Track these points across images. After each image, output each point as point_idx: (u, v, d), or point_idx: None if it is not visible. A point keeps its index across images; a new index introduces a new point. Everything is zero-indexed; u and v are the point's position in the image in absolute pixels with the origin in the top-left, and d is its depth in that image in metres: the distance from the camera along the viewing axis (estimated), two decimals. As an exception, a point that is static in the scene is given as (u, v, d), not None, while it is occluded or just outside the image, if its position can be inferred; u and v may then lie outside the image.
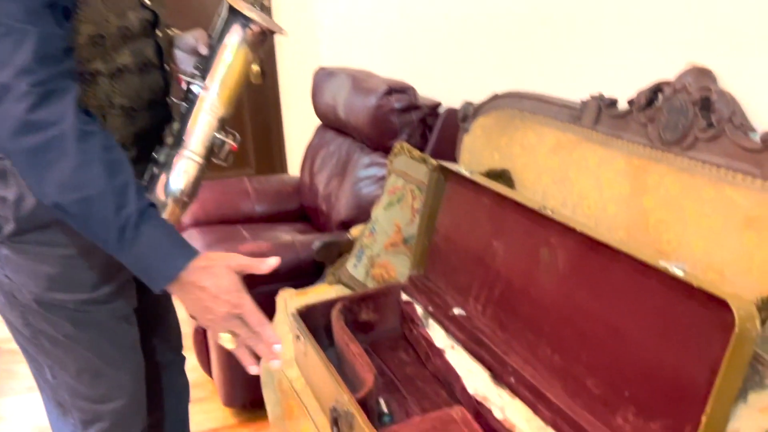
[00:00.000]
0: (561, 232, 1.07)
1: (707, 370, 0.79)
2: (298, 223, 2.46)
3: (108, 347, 1.11)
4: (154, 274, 0.89)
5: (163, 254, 0.89)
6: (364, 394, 1.06)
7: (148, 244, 0.88)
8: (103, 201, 0.85)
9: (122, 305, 1.11)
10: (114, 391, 1.14)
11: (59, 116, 0.83)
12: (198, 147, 1.06)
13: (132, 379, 1.17)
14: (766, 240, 0.91)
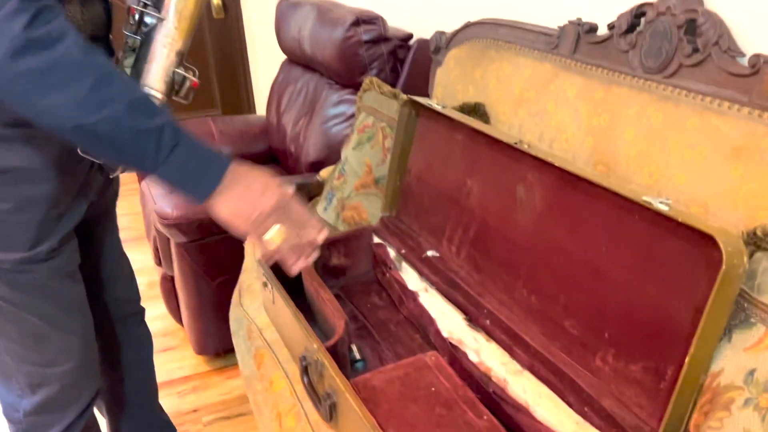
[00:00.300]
0: (538, 168, 1.01)
1: (691, 309, 0.76)
2: (266, 166, 2.37)
3: (52, 309, 1.04)
4: (200, 180, 0.83)
5: (206, 158, 0.83)
6: (334, 341, 1.01)
7: (188, 149, 0.81)
8: (133, 114, 0.77)
9: (64, 262, 1.03)
10: (62, 354, 1.08)
11: (60, 32, 0.74)
12: (157, 83, 0.98)
13: (81, 340, 1.11)
14: (753, 171, 0.87)
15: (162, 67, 0.98)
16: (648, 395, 0.80)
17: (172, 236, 1.76)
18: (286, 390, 1.14)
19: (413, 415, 0.87)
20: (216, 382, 1.88)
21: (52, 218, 0.98)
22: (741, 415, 0.70)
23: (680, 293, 0.78)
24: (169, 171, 0.81)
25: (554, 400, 0.90)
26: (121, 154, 0.81)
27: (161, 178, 0.82)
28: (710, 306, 0.72)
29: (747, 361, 0.73)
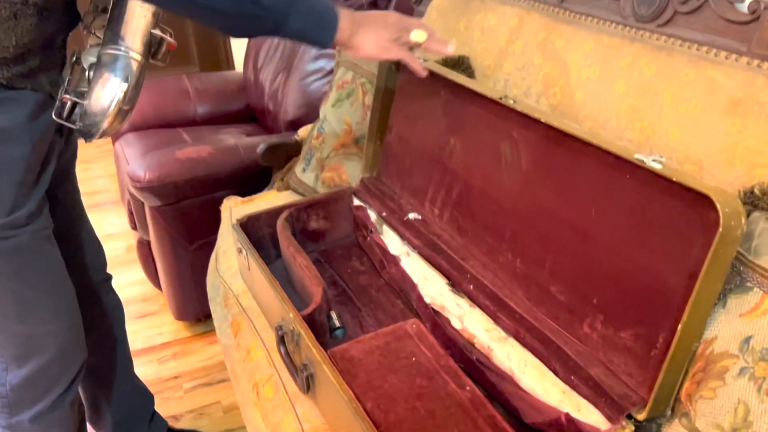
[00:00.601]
0: (523, 125, 0.95)
1: (685, 273, 0.71)
2: (245, 125, 2.30)
3: (36, 274, 1.01)
4: (325, 22, 0.90)
5: (319, 7, 0.89)
6: (311, 310, 0.97)
7: None
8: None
9: (43, 225, 1.00)
10: (49, 321, 1.04)
11: None
12: (136, 44, 0.94)
13: (66, 304, 1.08)
14: (751, 126, 0.82)
15: (140, 28, 0.94)
16: (638, 363, 0.77)
17: (146, 200, 1.69)
18: (263, 359, 1.10)
19: (392, 387, 0.84)
20: (196, 348, 1.85)
21: (29, 182, 0.95)
22: (735, 385, 0.66)
23: (673, 257, 0.73)
24: (297, 21, 0.86)
25: (540, 369, 0.86)
26: (242, 21, 0.85)
27: (291, 33, 0.88)
28: (705, 270, 0.67)
29: (743, 328, 0.69)
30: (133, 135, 2.15)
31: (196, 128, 2.24)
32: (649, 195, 0.76)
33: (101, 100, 0.93)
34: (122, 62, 0.93)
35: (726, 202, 0.66)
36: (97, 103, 0.94)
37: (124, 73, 0.93)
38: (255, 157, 1.74)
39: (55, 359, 1.08)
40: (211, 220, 1.70)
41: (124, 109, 0.95)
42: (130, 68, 0.94)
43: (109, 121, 0.95)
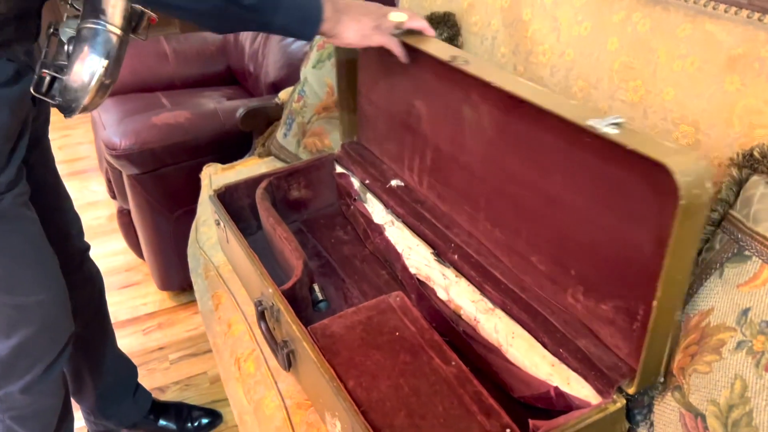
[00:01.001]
0: (480, 86, 0.88)
1: (654, 243, 0.66)
2: (226, 88, 2.22)
3: (19, 241, 0.98)
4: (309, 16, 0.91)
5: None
6: (291, 284, 0.93)
7: None
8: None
9: (22, 192, 0.97)
10: (35, 289, 1.02)
11: None
12: (116, 18, 0.89)
13: (51, 271, 1.05)
14: (751, 84, 0.77)
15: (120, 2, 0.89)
16: (623, 336, 0.74)
17: (123, 168, 1.63)
18: (245, 334, 1.06)
19: (375, 364, 0.80)
20: (182, 318, 1.82)
21: (7, 150, 0.92)
22: (732, 359, 0.63)
23: (640, 226, 0.67)
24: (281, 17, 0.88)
25: (528, 341, 0.83)
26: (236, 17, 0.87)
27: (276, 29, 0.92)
28: (674, 242, 0.61)
29: (741, 300, 0.65)
30: (111, 100, 2.08)
31: (175, 92, 2.16)
32: (609, 162, 0.70)
33: (81, 76, 0.89)
34: (102, 37, 0.89)
35: (686, 170, 0.58)
36: (77, 78, 0.89)
37: (104, 49, 0.89)
38: (235, 121, 1.67)
39: (43, 329, 1.06)
40: (192, 187, 1.65)
41: (105, 83, 0.92)
42: (111, 43, 0.90)
43: (90, 96, 0.91)
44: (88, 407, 1.41)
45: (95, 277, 1.32)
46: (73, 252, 1.23)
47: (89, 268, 1.29)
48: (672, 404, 0.69)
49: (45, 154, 1.14)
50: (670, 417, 0.69)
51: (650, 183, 0.65)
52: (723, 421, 0.62)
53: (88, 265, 1.29)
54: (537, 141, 0.80)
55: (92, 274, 1.30)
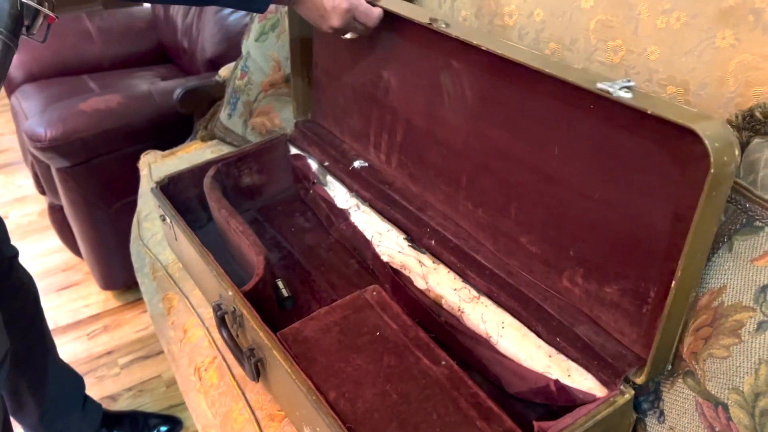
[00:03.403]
0: (463, 51, 0.80)
1: (669, 218, 0.60)
2: (158, 67, 2.06)
3: None
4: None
5: None
6: (253, 284, 0.83)
7: None
8: None
9: None
10: None
11: None
12: (1, 18, 0.76)
13: None
14: (745, 38, 0.71)
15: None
16: (629, 321, 0.68)
17: (51, 161, 1.48)
18: (203, 339, 0.96)
19: (357, 370, 0.72)
20: (129, 319, 1.69)
21: None
22: (755, 343, 0.58)
23: (655, 200, 0.62)
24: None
25: (520, 330, 0.76)
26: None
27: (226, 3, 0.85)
28: (699, 216, 0.56)
29: (757, 276, 0.60)
30: (31, 86, 1.90)
31: (103, 74, 1.99)
32: (620, 129, 0.63)
33: None
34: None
35: (715, 136, 0.53)
36: None
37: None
38: (173, 103, 1.54)
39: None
40: (130, 176, 1.51)
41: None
42: None
43: None
44: (31, 427, 1.28)
45: (27, 284, 1.18)
46: (6, 257, 1.10)
47: (19, 276, 1.16)
48: (685, 392, 0.64)
49: None
50: (684, 406, 0.64)
51: (672, 151, 0.58)
52: (749, 410, 0.57)
53: (17, 272, 1.15)
54: (530, 110, 0.72)
55: (23, 281, 1.17)
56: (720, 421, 0.59)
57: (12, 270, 1.14)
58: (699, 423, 0.61)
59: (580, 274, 0.73)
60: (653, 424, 0.68)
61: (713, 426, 0.60)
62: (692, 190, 0.57)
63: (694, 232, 0.57)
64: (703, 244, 0.60)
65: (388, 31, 0.93)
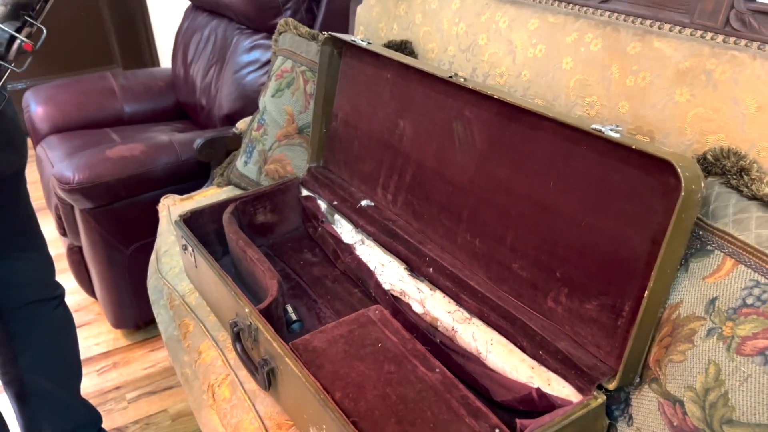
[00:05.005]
0: (475, 102, 0.94)
1: (648, 240, 0.72)
2: (176, 122, 2.20)
3: None
4: None
5: None
6: (267, 303, 0.92)
7: None
8: None
9: None
10: None
11: None
12: None
13: None
14: (700, 94, 0.83)
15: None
16: (605, 333, 0.77)
17: (76, 202, 1.59)
18: (217, 359, 1.04)
19: (360, 375, 0.81)
20: (138, 357, 1.76)
21: None
22: (705, 346, 0.67)
23: (635, 224, 0.73)
24: None
25: (507, 346, 0.85)
26: None
27: None
28: (669, 235, 0.68)
29: (707, 290, 0.70)
30: (56, 137, 2.03)
31: (124, 128, 2.13)
32: (608, 164, 0.76)
33: None
34: None
35: (686, 167, 0.67)
36: None
37: None
38: (191, 153, 1.67)
39: None
40: (147, 221, 1.62)
41: None
42: None
43: None
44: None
45: (64, 324, 1.28)
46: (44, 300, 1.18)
47: (59, 316, 1.25)
48: (650, 395, 0.72)
49: None
50: (649, 407, 0.72)
51: (651, 181, 0.71)
52: (700, 404, 0.65)
53: (56, 312, 1.25)
54: (531, 150, 0.85)
55: (61, 321, 1.26)
56: (677, 417, 0.67)
57: (55, 308, 1.23)
58: (661, 421, 0.70)
59: (564, 294, 0.82)
60: (623, 427, 0.76)
61: (672, 421, 0.68)
62: (666, 215, 0.69)
63: (665, 251, 0.68)
64: (673, 261, 0.71)
65: (407, 85, 1.06)
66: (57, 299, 1.23)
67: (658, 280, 0.70)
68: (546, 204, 0.84)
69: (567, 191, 0.82)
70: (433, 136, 1.03)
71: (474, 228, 0.95)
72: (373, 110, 1.16)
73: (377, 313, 0.91)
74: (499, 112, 0.90)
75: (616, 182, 0.75)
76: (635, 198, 0.73)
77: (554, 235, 0.83)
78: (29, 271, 1.15)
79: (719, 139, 0.81)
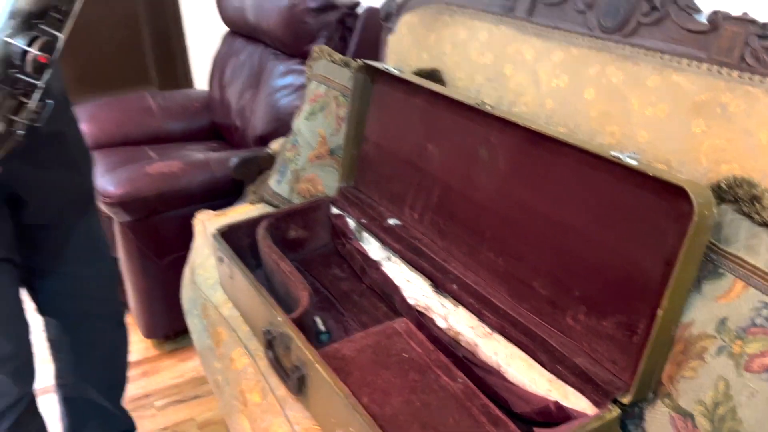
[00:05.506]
0: (501, 129, 1.00)
1: (662, 262, 0.76)
2: (210, 141, 2.29)
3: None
4: None
5: None
6: (299, 313, 0.98)
7: None
8: None
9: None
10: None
11: None
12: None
13: None
14: (715, 126, 0.88)
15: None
16: (621, 350, 0.81)
17: (115, 215, 1.67)
18: (249, 366, 1.10)
19: (386, 382, 0.85)
20: (167, 366, 1.82)
21: None
22: (715, 363, 0.71)
23: (650, 247, 0.78)
24: None
25: (526, 361, 0.89)
26: None
27: None
28: (682, 257, 0.72)
29: (718, 311, 0.74)
30: (97, 153, 2.12)
31: (160, 145, 2.22)
32: (626, 189, 0.81)
33: None
34: None
35: (699, 193, 0.71)
36: None
37: None
38: (225, 171, 1.74)
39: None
40: (181, 235, 1.69)
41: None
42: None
43: None
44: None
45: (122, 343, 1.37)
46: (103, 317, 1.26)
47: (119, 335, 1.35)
48: (663, 410, 0.76)
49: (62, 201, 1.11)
50: (661, 421, 0.76)
51: (665, 206, 0.76)
52: (710, 418, 0.69)
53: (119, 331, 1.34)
54: (552, 174, 0.90)
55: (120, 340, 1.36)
56: (688, 430, 0.71)
57: (117, 327, 1.31)
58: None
59: (582, 312, 0.86)
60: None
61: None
62: (679, 239, 0.74)
63: (677, 273, 0.73)
64: (685, 283, 0.76)
65: (436, 111, 1.12)
66: (119, 316, 1.30)
67: (671, 300, 0.74)
68: (565, 225, 0.89)
69: (585, 214, 0.86)
70: (459, 160, 1.08)
71: (496, 247, 1.00)
72: (403, 134, 1.22)
73: (403, 325, 0.96)
74: (523, 139, 0.96)
75: (633, 206, 0.80)
76: (650, 221, 0.78)
77: (572, 255, 0.88)
78: (95, 285, 1.22)
79: (733, 168, 0.85)
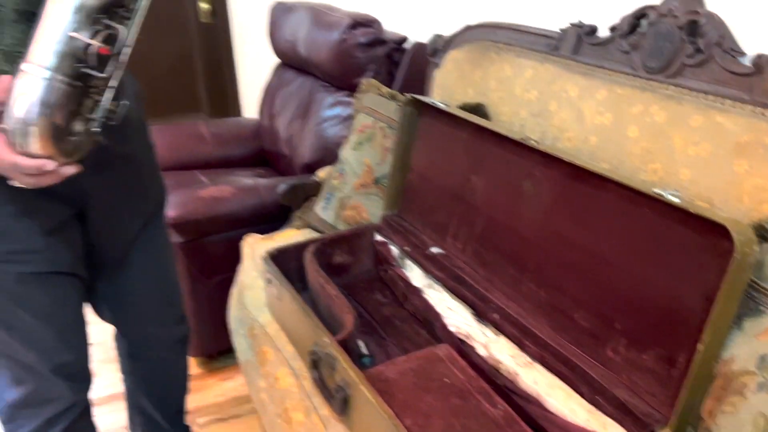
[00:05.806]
0: (545, 164, 1.03)
1: (702, 298, 0.78)
2: (258, 168, 2.37)
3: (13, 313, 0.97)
4: None
5: None
6: (345, 335, 1.01)
7: None
8: None
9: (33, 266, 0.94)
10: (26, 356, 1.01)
11: None
12: (44, 55, 0.73)
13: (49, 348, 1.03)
14: (757, 166, 0.89)
15: (51, 33, 0.72)
16: (660, 383, 0.82)
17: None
18: (293, 386, 1.13)
19: (428, 405, 0.88)
20: (210, 384, 1.87)
21: (4, 215, 0.89)
22: (755, 399, 0.72)
23: (691, 282, 0.80)
24: None
25: (566, 391, 0.91)
26: None
27: None
28: (722, 294, 0.74)
29: (759, 348, 0.75)
30: (151, 176, 2.22)
31: (211, 171, 2.31)
32: (667, 225, 0.83)
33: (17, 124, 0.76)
34: (21, 85, 0.74)
35: (740, 231, 0.74)
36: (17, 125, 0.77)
37: (20, 102, 0.74)
38: (274, 196, 1.80)
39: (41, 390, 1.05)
40: (229, 256, 1.75)
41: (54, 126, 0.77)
42: (31, 92, 0.74)
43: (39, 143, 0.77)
44: None
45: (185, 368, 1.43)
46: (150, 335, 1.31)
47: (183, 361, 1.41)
48: (702, 444, 0.77)
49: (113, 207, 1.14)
50: (701, 456, 0.77)
51: (706, 243, 0.78)
52: (750, 453, 0.70)
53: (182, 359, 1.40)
54: (595, 209, 0.93)
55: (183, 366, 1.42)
56: (728, 464, 0.72)
57: (180, 354, 1.38)
58: (712, 468, 0.74)
59: (623, 344, 0.88)
60: (676, 474, 0.80)
61: (722, 468, 0.72)
62: (719, 274, 0.76)
63: (718, 309, 0.75)
64: (725, 319, 0.77)
65: (481, 144, 1.17)
66: (178, 345, 1.35)
67: (711, 336, 0.76)
68: (607, 259, 0.91)
69: (627, 248, 0.89)
70: (503, 192, 1.12)
71: (538, 278, 1.03)
72: (448, 166, 1.26)
73: (445, 351, 0.99)
74: (567, 174, 0.99)
75: (674, 242, 0.82)
76: (691, 258, 0.80)
77: (613, 288, 0.90)
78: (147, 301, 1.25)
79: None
